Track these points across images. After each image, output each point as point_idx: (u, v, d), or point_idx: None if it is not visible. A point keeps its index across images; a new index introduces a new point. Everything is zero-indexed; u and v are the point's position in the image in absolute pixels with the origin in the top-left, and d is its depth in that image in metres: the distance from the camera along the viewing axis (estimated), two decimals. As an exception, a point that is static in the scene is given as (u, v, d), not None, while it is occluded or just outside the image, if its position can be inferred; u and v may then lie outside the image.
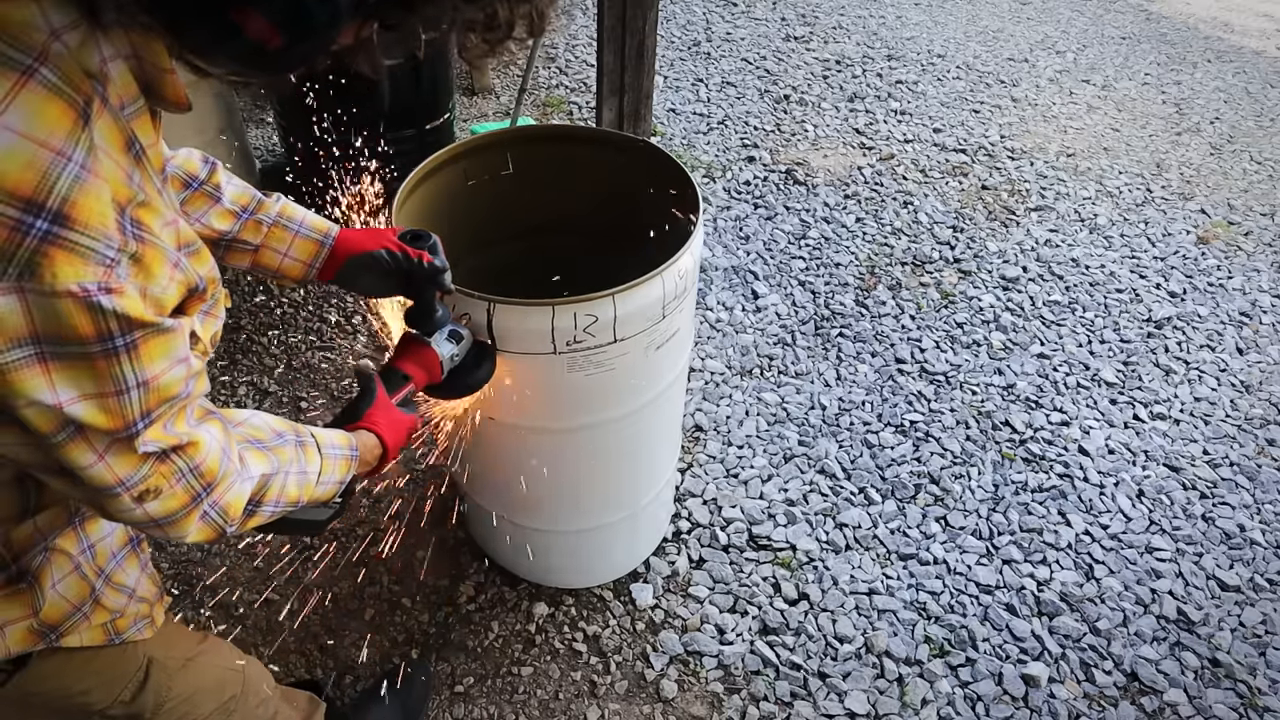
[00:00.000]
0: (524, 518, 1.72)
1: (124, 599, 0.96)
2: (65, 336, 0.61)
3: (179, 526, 0.77)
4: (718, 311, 2.73)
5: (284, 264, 1.16)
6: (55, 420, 0.64)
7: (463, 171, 1.63)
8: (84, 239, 0.59)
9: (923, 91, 4.08)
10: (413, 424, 1.14)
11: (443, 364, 1.22)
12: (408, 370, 1.18)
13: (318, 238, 1.17)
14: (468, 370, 1.28)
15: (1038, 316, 2.80)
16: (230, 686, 1.16)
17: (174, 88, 0.69)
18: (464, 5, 0.70)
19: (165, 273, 0.68)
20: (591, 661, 1.82)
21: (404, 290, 1.22)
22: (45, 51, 0.58)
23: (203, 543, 1.21)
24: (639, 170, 1.62)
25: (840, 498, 2.18)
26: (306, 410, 2.31)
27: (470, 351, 1.29)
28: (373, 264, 1.17)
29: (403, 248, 1.18)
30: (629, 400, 1.48)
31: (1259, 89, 4.39)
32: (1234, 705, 1.81)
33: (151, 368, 0.68)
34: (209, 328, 0.82)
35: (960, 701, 1.78)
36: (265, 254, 1.15)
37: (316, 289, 2.66)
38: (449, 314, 1.26)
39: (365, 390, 1.12)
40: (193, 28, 0.62)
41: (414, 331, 1.23)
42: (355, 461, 1.01)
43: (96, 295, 0.61)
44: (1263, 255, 3.17)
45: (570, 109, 3.74)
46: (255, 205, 1.13)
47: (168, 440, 0.72)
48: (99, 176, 0.60)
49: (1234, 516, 2.20)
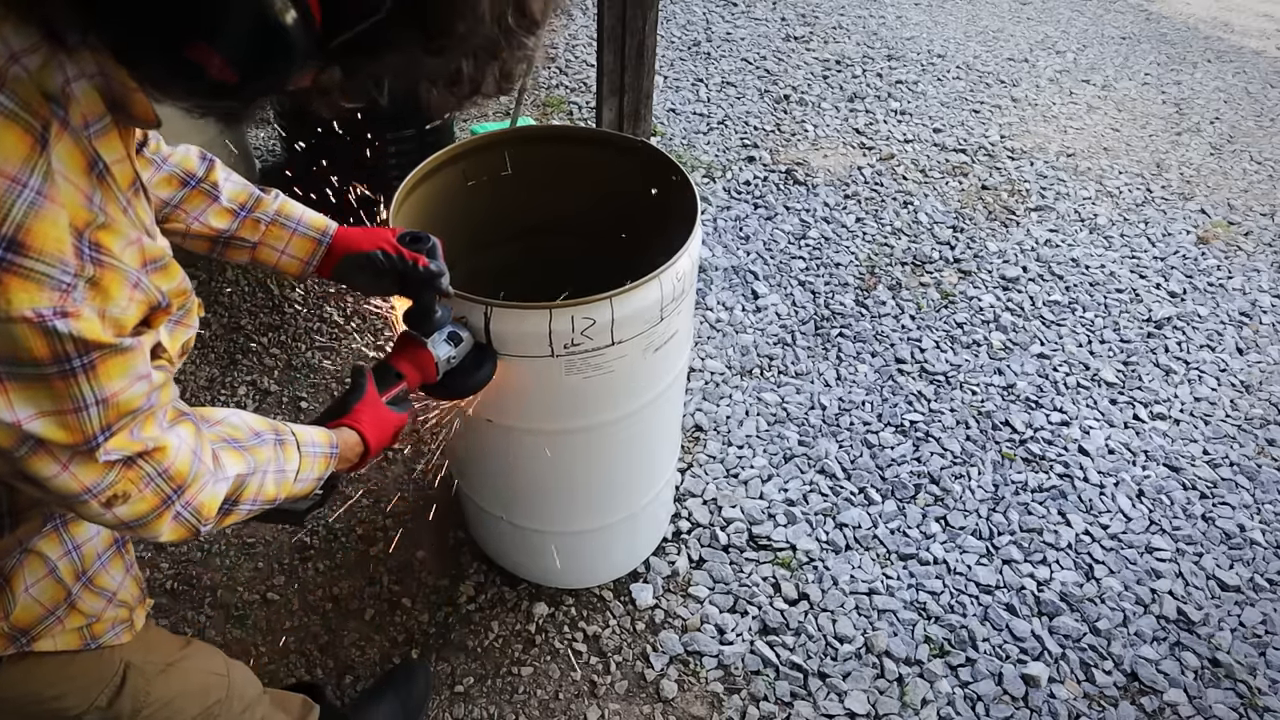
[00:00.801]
0: (523, 519, 1.72)
1: (101, 603, 0.96)
2: (21, 358, 0.62)
3: (150, 528, 0.78)
4: (718, 311, 2.73)
5: (282, 261, 1.17)
6: (14, 436, 0.64)
7: (462, 172, 1.63)
8: (39, 265, 0.60)
9: (923, 91, 4.08)
10: (400, 422, 1.14)
11: (438, 365, 1.22)
12: (401, 369, 1.19)
13: (315, 236, 1.18)
14: (467, 372, 1.28)
15: (1038, 316, 2.80)
16: (214, 691, 1.16)
17: (142, 105, 0.69)
18: (427, 58, 0.69)
19: (124, 294, 0.68)
20: (591, 661, 1.82)
21: (401, 290, 1.23)
22: (3, 76, 0.58)
23: (178, 542, 1.21)
24: (638, 171, 1.62)
25: (840, 498, 2.18)
26: (306, 410, 2.31)
27: (470, 354, 1.29)
28: (367, 264, 1.18)
29: (399, 249, 1.19)
30: (627, 402, 1.48)
31: (1259, 89, 4.38)
32: (1234, 705, 1.81)
33: (110, 386, 0.68)
34: (179, 338, 0.82)
35: (960, 701, 1.78)
36: (263, 251, 1.15)
37: (317, 289, 2.67)
38: (449, 315, 1.26)
39: (356, 385, 1.12)
40: (146, 61, 0.62)
41: (411, 331, 1.24)
42: (335, 459, 1.02)
43: (52, 320, 0.61)
44: (1263, 255, 3.17)
45: (570, 109, 3.74)
46: (253, 203, 1.13)
47: (133, 447, 0.73)
48: (55, 202, 0.60)
49: (1234, 516, 2.20)
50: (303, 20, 0.60)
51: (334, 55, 0.66)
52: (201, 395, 2.33)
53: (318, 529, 2.04)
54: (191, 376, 2.36)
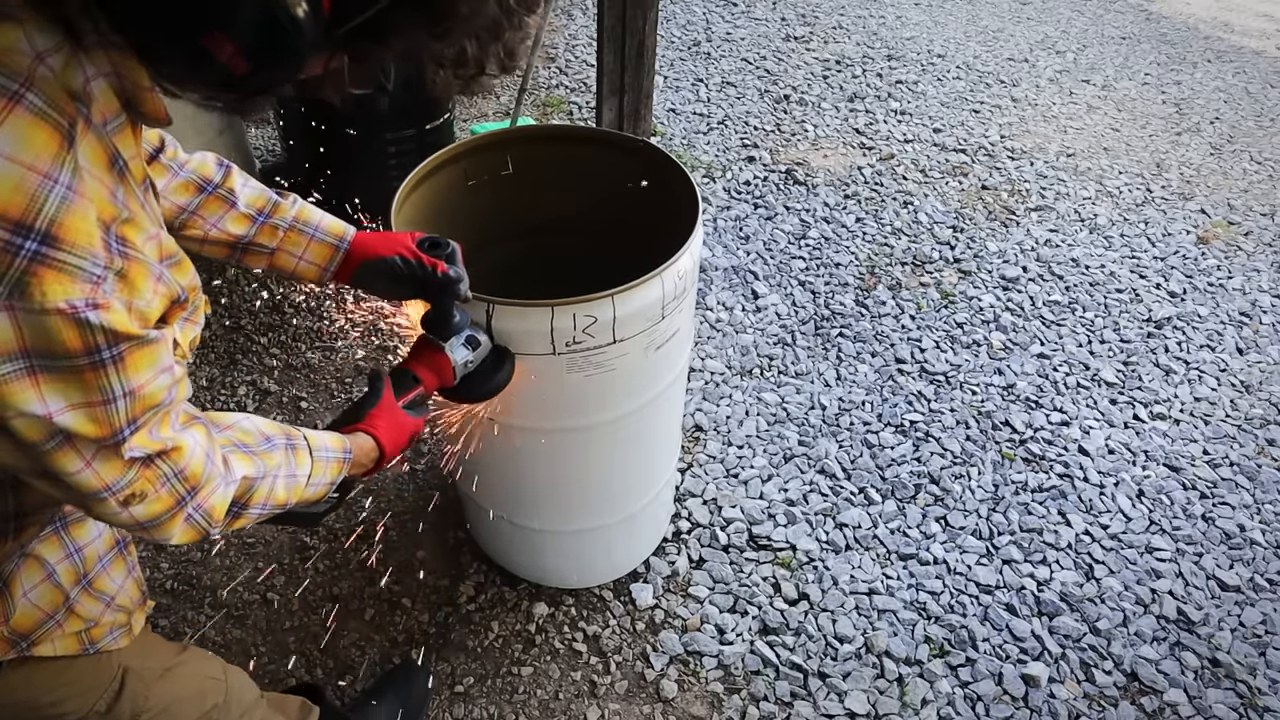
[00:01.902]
0: (523, 518, 1.72)
1: (100, 607, 0.96)
2: (54, 351, 0.63)
3: (164, 529, 0.78)
4: (718, 311, 2.73)
5: (300, 267, 1.17)
6: (44, 430, 0.65)
7: (463, 172, 1.63)
8: (71, 258, 0.61)
9: (923, 91, 4.08)
10: (416, 427, 1.14)
11: (455, 369, 1.22)
12: (418, 373, 1.19)
13: (333, 242, 1.17)
14: (485, 376, 1.28)
15: (1038, 316, 2.80)
16: (212, 696, 1.15)
17: (154, 104, 0.70)
18: (432, 41, 0.71)
19: (149, 286, 0.69)
20: (591, 661, 1.82)
21: (420, 295, 1.23)
22: (31, 76, 0.59)
23: (188, 544, 1.22)
24: (638, 170, 1.62)
25: (840, 498, 2.18)
26: (306, 410, 2.31)
27: (488, 358, 1.29)
28: (385, 269, 1.18)
29: (418, 255, 1.18)
30: (628, 400, 1.48)
31: (1259, 89, 4.39)
32: (1234, 705, 1.81)
33: (137, 378, 0.69)
34: (188, 334, 0.83)
35: (960, 701, 1.78)
36: (281, 257, 1.15)
37: (317, 289, 2.66)
38: (467, 319, 1.26)
39: (373, 390, 1.13)
40: (161, 50, 0.63)
41: (429, 335, 1.23)
42: (348, 464, 1.02)
43: (84, 311, 0.62)
44: (1263, 255, 3.17)
45: (570, 109, 3.74)
46: (271, 208, 1.13)
47: (152, 446, 0.73)
48: (84, 197, 0.62)
49: (1234, 516, 2.20)
50: (312, 8, 0.62)
51: (341, 42, 0.67)
52: (202, 395, 2.33)
53: (317, 529, 2.04)
54: (192, 377, 2.36)
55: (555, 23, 4.42)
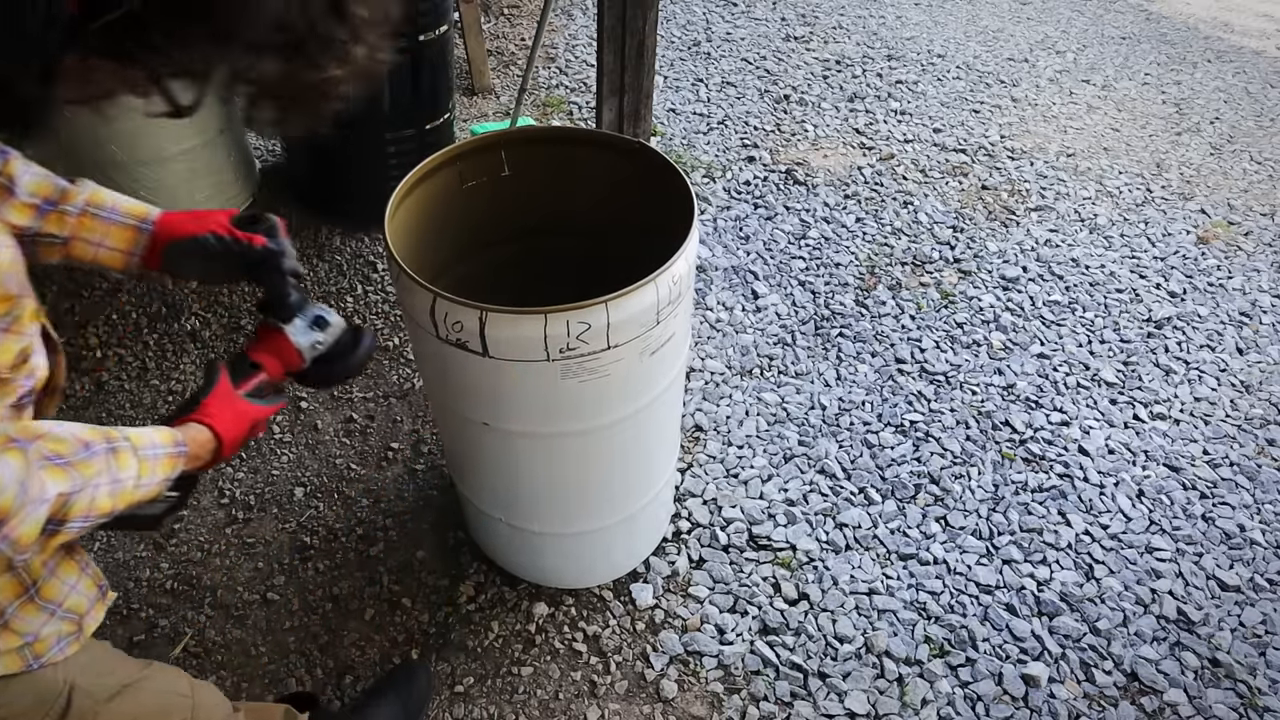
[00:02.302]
0: (522, 521, 1.72)
1: (42, 617, 0.92)
2: None
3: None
4: (718, 311, 2.73)
5: (100, 255, 1.09)
6: None
7: (459, 174, 1.63)
8: None
9: (923, 91, 4.08)
10: (258, 415, 1.09)
11: (301, 352, 1.16)
12: (258, 359, 1.13)
13: (134, 223, 1.10)
14: (340, 356, 1.21)
15: (1038, 316, 2.80)
16: (176, 713, 1.11)
17: None
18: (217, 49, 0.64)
19: None
20: (591, 661, 1.82)
21: (247, 276, 1.16)
22: None
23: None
24: (636, 172, 1.62)
25: (840, 498, 2.18)
26: (306, 410, 2.31)
27: (342, 337, 1.22)
28: (197, 249, 1.11)
29: (232, 231, 1.13)
30: (624, 405, 1.48)
31: (1259, 89, 4.38)
32: (1234, 705, 1.81)
33: None
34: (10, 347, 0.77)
35: (960, 701, 1.78)
36: (77, 246, 1.07)
37: (315, 286, 2.66)
38: (308, 299, 1.19)
39: (207, 379, 1.07)
40: None
41: (269, 319, 1.17)
42: (183, 457, 0.96)
43: None
44: (1263, 255, 3.17)
45: (570, 109, 3.74)
46: (59, 195, 1.04)
47: None
48: None
49: (1234, 516, 2.20)
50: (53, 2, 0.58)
51: (96, 42, 0.63)
52: (201, 396, 2.33)
53: (318, 529, 2.04)
54: (192, 377, 2.36)
55: (555, 23, 4.42)
